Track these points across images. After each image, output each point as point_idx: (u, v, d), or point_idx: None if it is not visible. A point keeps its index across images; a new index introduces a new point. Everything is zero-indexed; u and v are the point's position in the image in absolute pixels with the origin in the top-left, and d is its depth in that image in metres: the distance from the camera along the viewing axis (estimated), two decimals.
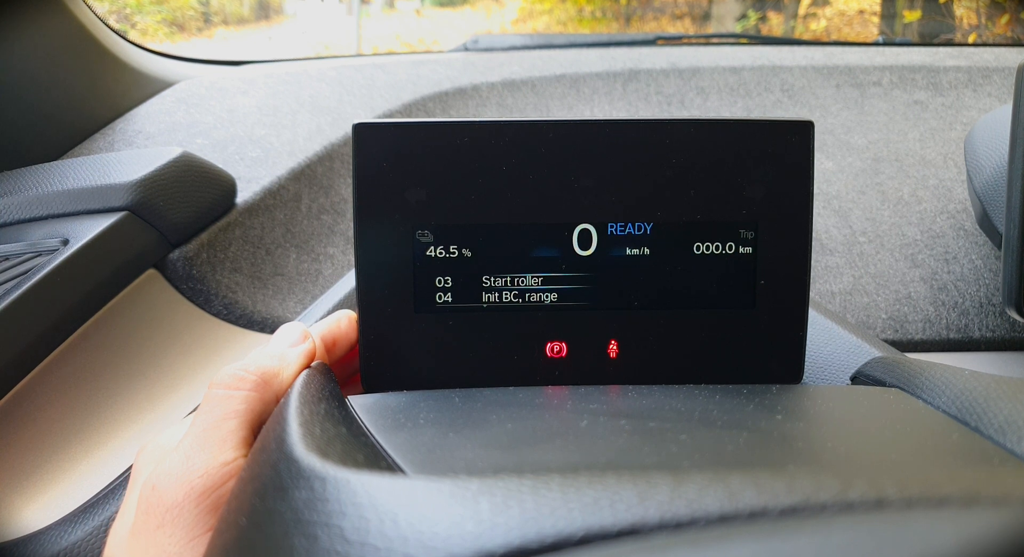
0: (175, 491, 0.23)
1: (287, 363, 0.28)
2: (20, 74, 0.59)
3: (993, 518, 0.13)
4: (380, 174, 0.30)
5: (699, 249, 0.31)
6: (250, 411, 0.26)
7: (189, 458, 0.24)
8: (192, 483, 0.23)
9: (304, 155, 0.64)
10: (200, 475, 0.24)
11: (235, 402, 0.25)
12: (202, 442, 0.24)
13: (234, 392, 0.26)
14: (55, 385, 0.46)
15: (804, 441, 0.22)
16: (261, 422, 0.26)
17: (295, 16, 4.71)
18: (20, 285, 0.43)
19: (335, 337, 0.31)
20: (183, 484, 0.23)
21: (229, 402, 0.25)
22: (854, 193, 0.67)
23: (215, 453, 0.24)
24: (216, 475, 0.24)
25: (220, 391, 0.26)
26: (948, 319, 0.58)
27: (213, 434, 0.25)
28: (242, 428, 0.25)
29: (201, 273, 0.53)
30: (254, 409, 0.26)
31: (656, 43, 0.90)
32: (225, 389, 0.26)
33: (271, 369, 0.27)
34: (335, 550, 0.16)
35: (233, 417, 0.25)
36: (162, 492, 0.24)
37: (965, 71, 0.79)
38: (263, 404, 0.26)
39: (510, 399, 0.27)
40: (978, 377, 0.25)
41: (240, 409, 0.25)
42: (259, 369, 0.27)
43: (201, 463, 0.24)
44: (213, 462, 0.24)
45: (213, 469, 0.24)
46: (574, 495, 0.16)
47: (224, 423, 0.25)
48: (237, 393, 0.26)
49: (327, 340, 0.31)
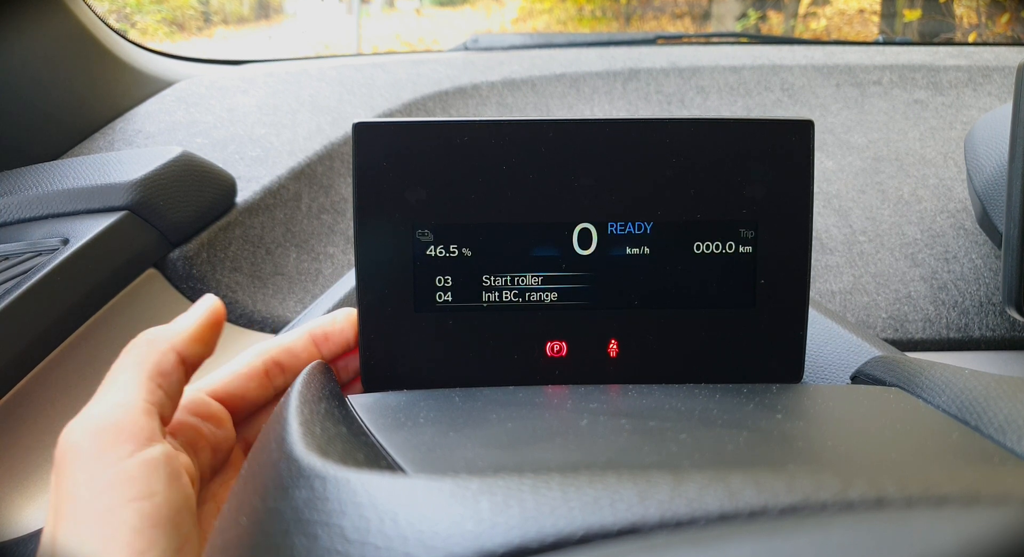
0: (74, 434, 0.24)
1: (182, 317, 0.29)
2: (20, 73, 0.59)
3: (993, 517, 0.13)
4: (380, 173, 0.30)
5: (699, 248, 0.31)
6: (143, 362, 0.27)
7: (88, 410, 0.25)
8: (89, 424, 0.24)
9: (304, 154, 0.64)
10: (96, 416, 0.25)
11: (126, 358, 0.27)
12: (99, 396, 0.26)
13: (127, 353, 0.27)
14: (55, 385, 0.46)
15: (804, 440, 0.23)
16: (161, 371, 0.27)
17: (295, 15, 4.70)
18: (20, 285, 0.43)
19: (326, 332, 0.32)
20: (81, 427, 0.24)
21: (123, 360, 0.27)
22: (854, 192, 0.67)
23: (110, 399, 0.25)
24: (111, 414, 0.25)
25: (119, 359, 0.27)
26: (948, 318, 0.58)
27: (110, 386, 0.26)
28: (137, 375, 0.26)
29: (201, 272, 0.53)
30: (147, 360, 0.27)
31: (656, 42, 0.90)
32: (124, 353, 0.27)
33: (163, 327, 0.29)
34: (336, 549, 0.16)
35: (126, 370, 0.26)
36: (63, 441, 0.24)
37: (965, 70, 0.79)
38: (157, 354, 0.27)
39: (510, 398, 0.27)
40: (978, 376, 0.25)
41: (131, 362, 0.27)
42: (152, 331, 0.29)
43: (98, 408, 0.25)
44: (109, 405, 0.25)
45: (108, 409, 0.25)
46: (574, 494, 0.16)
47: (120, 376, 0.26)
48: (130, 352, 0.27)
49: (317, 335, 0.32)
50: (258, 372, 0.31)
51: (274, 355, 0.31)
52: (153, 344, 0.28)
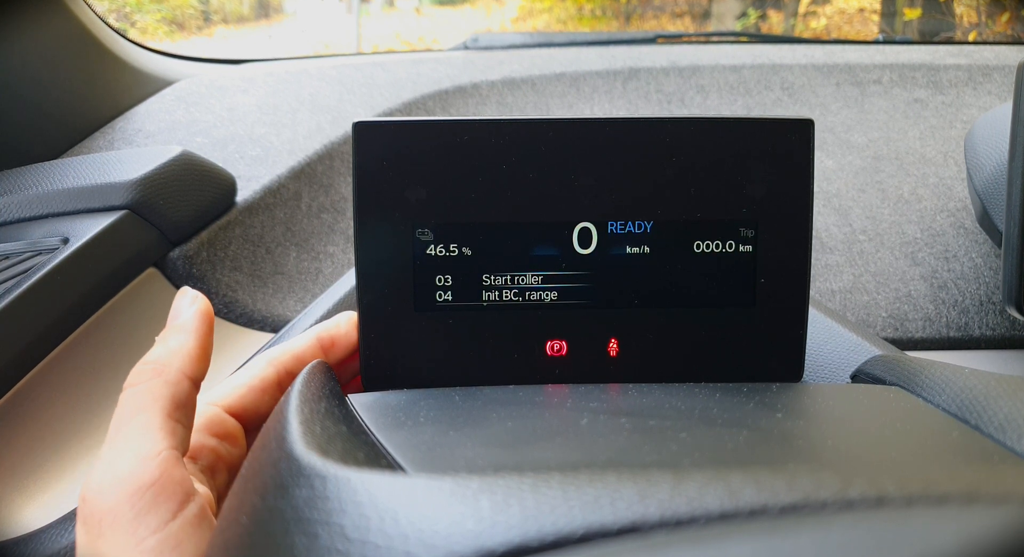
0: (105, 497, 0.23)
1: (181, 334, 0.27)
2: (20, 73, 0.59)
3: (993, 516, 0.13)
4: (380, 173, 0.30)
5: (699, 247, 0.31)
6: (158, 399, 0.25)
7: (111, 462, 0.23)
8: (120, 485, 0.23)
9: (304, 154, 0.64)
10: (126, 474, 0.23)
11: (140, 395, 0.25)
12: (121, 443, 0.24)
13: (136, 387, 0.25)
14: (55, 384, 0.46)
15: (804, 439, 0.23)
16: (177, 404, 0.25)
17: (295, 15, 4.70)
18: (20, 284, 0.43)
19: (333, 337, 0.31)
20: (112, 488, 0.23)
21: (134, 397, 0.25)
22: (854, 191, 0.67)
23: (136, 449, 0.23)
24: (144, 471, 0.23)
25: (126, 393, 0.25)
26: (948, 317, 0.58)
27: (129, 432, 0.24)
28: (156, 416, 0.24)
29: (201, 272, 0.53)
30: (162, 395, 0.25)
31: (656, 41, 0.90)
32: (129, 388, 0.25)
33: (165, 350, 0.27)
34: (336, 548, 0.16)
35: (143, 410, 0.25)
36: (92, 502, 0.23)
37: (965, 69, 0.79)
38: (171, 386, 0.25)
39: (510, 397, 0.27)
40: (978, 375, 0.25)
41: (147, 400, 0.25)
42: (154, 356, 0.26)
43: (125, 463, 0.23)
44: (137, 459, 0.23)
45: (139, 465, 0.23)
46: (575, 493, 0.16)
47: (136, 418, 0.24)
48: (139, 387, 0.25)
49: (324, 341, 0.31)
50: (271, 384, 0.30)
51: (286, 364, 0.30)
52: (163, 375, 0.26)
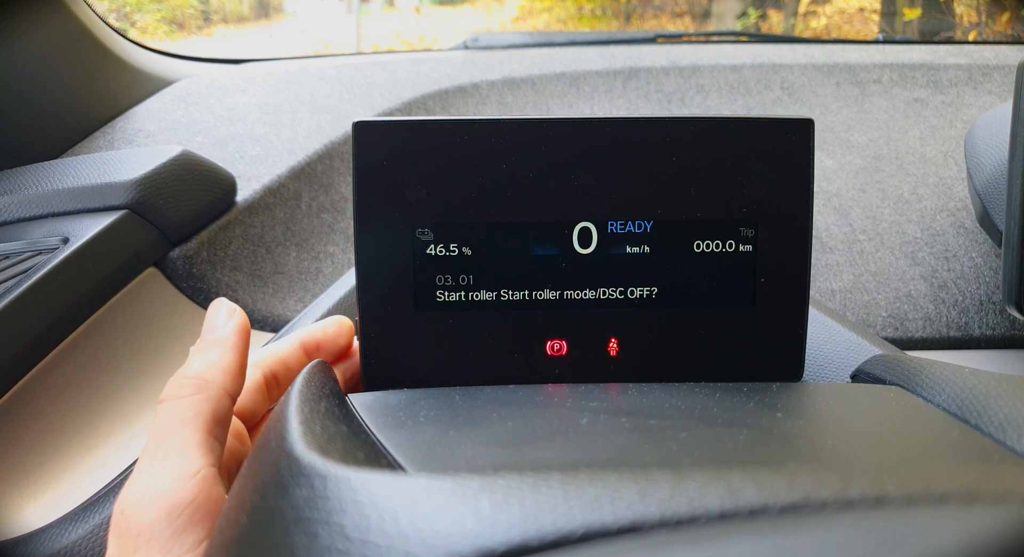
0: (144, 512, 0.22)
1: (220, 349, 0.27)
2: (20, 73, 0.59)
3: (993, 516, 0.13)
4: (380, 172, 0.30)
5: (699, 247, 0.31)
6: (200, 414, 0.25)
7: (151, 476, 0.23)
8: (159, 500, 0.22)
9: (304, 153, 0.64)
10: (166, 490, 0.23)
11: (182, 410, 0.25)
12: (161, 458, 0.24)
13: (178, 401, 0.25)
14: (56, 384, 0.46)
15: (804, 439, 0.23)
16: (217, 421, 0.25)
17: (295, 14, 4.70)
18: (20, 284, 0.43)
19: (318, 341, 0.31)
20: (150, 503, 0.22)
21: (176, 412, 0.25)
22: (854, 191, 0.67)
23: (177, 466, 0.23)
24: (183, 488, 0.23)
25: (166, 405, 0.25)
26: (948, 317, 0.58)
27: (169, 447, 0.24)
28: (197, 433, 0.24)
29: (201, 271, 0.53)
30: (203, 411, 0.25)
31: (656, 41, 0.90)
32: (170, 401, 0.25)
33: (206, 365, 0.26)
34: (336, 548, 0.16)
35: (184, 425, 0.24)
36: (131, 516, 0.22)
37: (965, 69, 0.79)
38: (212, 402, 0.25)
39: (510, 397, 0.27)
40: (978, 375, 0.25)
41: (188, 416, 0.25)
42: (194, 371, 0.26)
43: (165, 478, 0.23)
44: (177, 475, 0.23)
45: (179, 482, 0.23)
46: (575, 493, 0.16)
47: (177, 433, 0.24)
48: (182, 401, 0.25)
49: (308, 345, 0.31)
50: (260, 385, 0.30)
51: (271, 367, 0.31)
52: (205, 391, 0.25)
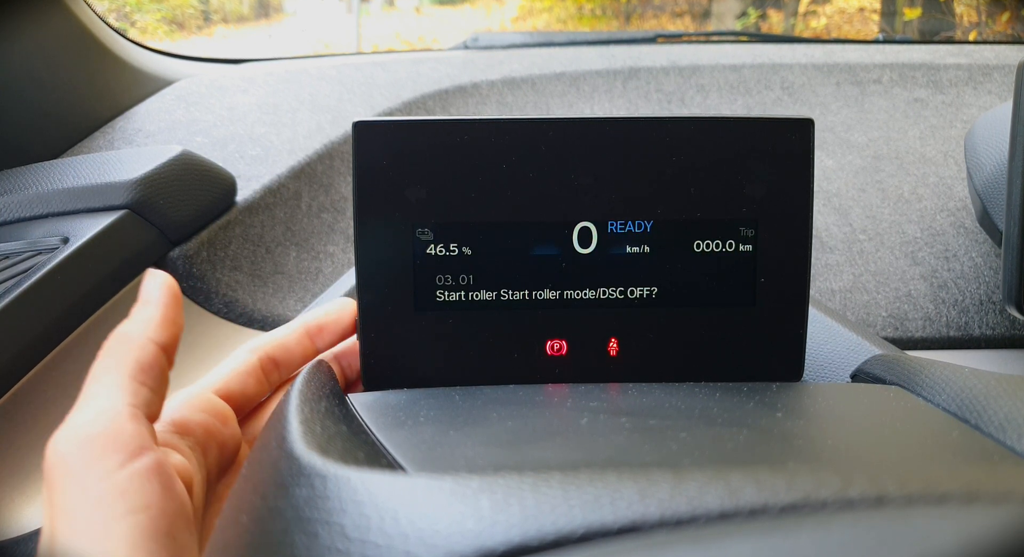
0: (59, 449, 0.23)
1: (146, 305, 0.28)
2: (20, 72, 0.59)
3: (993, 516, 0.13)
4: (380, 172, 0.30)
5: (699, 247, 0.31)
6: (121, 362, 0.26)
7: (71, 419, 0.24)
8: (73, 437, 0.23)
9: (304, 153, 0.64)
10: (78, 428, 0.24)
11: (102, 363, 0.26)
12: (81, 404, 0.25)
13: (103, 356, 0.26)
14: (56, 383, 0.46)
15: (804, 439, 0.23)
16: (142, 367, 0.26)
17: (295, 14, 4.71)
18: (20, 284, 0.43)
19: (321, 324, 0.32)
20: (65, 441, 0.23)
21: (101, 363, 0.26)
22: (854, 191, 0.67)
23: (93, 406, 0.24)
24: (95, 423, 0.24)
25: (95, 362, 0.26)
26: (948, 317, 0.58)
27: (89, 393, 0.25)
28: (118, 378, 0.25)
29: (201, 271, 0.53)
30: (125, 359, 0.26)
31: (656, 41, 0.90)
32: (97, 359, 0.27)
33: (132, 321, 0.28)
34: (336, 548, 0.16)
35: (106, 373, 0.26)
36: (50, 456, 0.24)
37: (965, 69, 0.79)
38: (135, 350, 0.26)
39: (510, 397, 0.27)
40: (978, 375, 0.25)
41: (107, 365, 0.26)
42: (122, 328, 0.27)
43: (80, 419, 0.24)
44: (91, 414, 0.24)
45: (92, 419, 0.24)
46: (575, 493, 0.16)
47: (97, 381, 0.25)
48: (105, 355, 0.26)
49: (311, 328, 0.32)
50: (255, 368, 0.31)
51: (268, 350, 0.31)
52: (129, 339, 0.27)
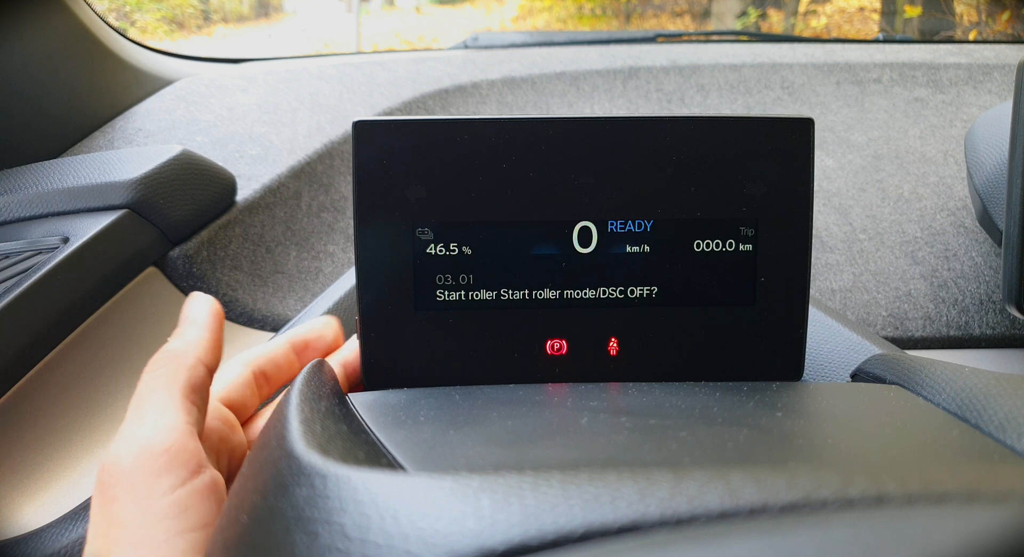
0: (121, 463, 0.24)
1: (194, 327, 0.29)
2: (20, 72, 0.59)
3: (993, 515, 0.13)
4: (380, 172, 0.30)
5: (699, 246, 0.31)
6: (175, 380, 0.27)
7: (131, 432, 0.25)
8: (137, 450, 0.24)
9: (304, 153, 0.64)
10: (142, 441, 0.24)
11: (159, 378, 0.27)
12: (139, 417, 0.25)
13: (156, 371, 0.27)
14: (56, 383, 0.46)
15: (804, 438, 0.23)
16: (192, 387, 0.27)
17: (295, 14, 4.71)
18: (20, 283, 0.43)
19: (307, 341, 0.33)
20: (128, 454, 0.24)
21: (154, 379, 0.27)
22: (854, 190, 0.67)
23: (154, 420, 0.25)
24: (159, 438, 0.24)
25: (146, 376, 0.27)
26: (948, 316, 0.58)
27: (148, 407, 0.26)
28: (173, 395, 0.26)
29: (201, 271, 0.53)
30: (179, 377, 0.27)
31: (656, 40, 0.90)
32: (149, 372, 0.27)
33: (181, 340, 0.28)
34: (336, 547, 0.16)
35: (162, 389, 0.26)
36: (110, 468, 0.24)
37: (965, 68, 0.79)
38: (188, 370, 0.27)
39: (510, 396, 0.27)
40: (978, 374, 0.25)
41: (165, 382, 0.26)
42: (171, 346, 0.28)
43: (143, 432, 0.25)
44: (154, 428, 0.25)
45: (155, 433, 0.24)
46: (575, 492, 0.16)
47: (155, 395, 0.26)
48: (159, 370, 0.27)
49: (297, 344, 0.33)
50: (249, 381, 0.32)
51: (260, 364, 0.32)
52: (181, 359, 0.27)
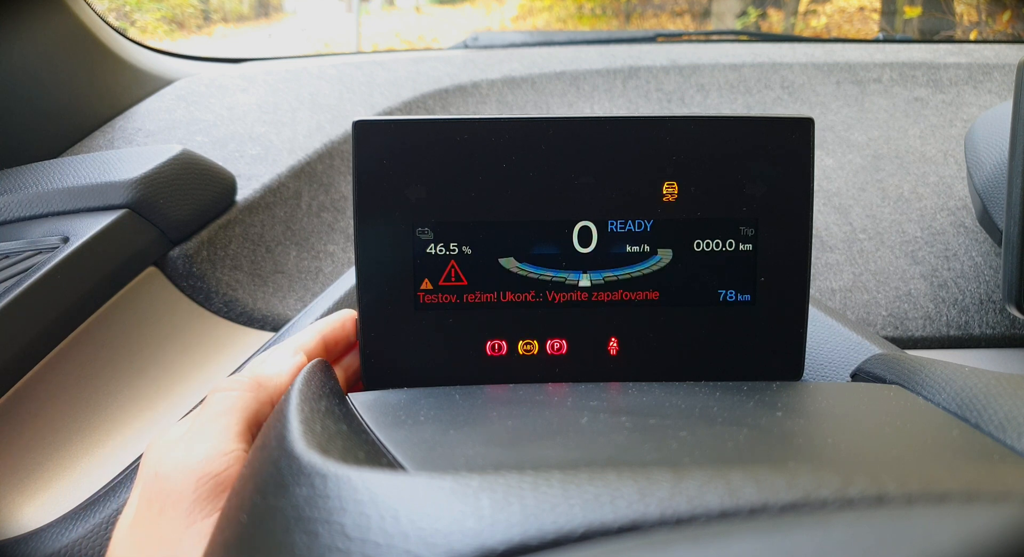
0: (176, 477, 0.25)
1: (281, 369, 0.30)
2: (20, 72, 0.59)
3: (993, 514, 0.13)
4: (380, 171, 0.30)
5: (699, 246, 0.31)
6: (245, 408, 0.27)
7: (190, 447, 0.26)
8: (192, 469, 0.25)
9: (304, 153, 0.64)
10: (200, 461, 0.25)
11: (231, 400, 0.27)
12: (202, 434, 0.26)
13: (230, 392, 0.28)
14: (56, 383, 0.46)
15: (804, 437, 0.23)
16: (258, 420, 0.28)
17: (295, 13, 4.71)
18: (20, 283, 0.43)
19: (337, 338, 0.33)
20: (184, 470, 0.25)
21: (225, 400, 0.27)
22: (854, 190, 0.67)
23: (214, 443, 0.26)
24: (215, 462, 0.25)
25: (218, 393, 0.28)
26: (948, 316, 0.58)
27: (211, 427, 0.26)
28: (239, 422, 0.27)
29: (201, 270, 0.53)
30: (249, 406, 0.27)
31: (656, 40, 0.90)
32: (223, 391, 0.28)
33: (265, 373, 0.29)
34: (336, 547, 0.16)
35: (229, 413, 0.27)
36: (164, 479, 0.25)
37: (965, 68, 0.79)
38: (258, 403, 0.28)
39: (510, 396, 0.27)
40: (978, 374, 0.25)
41: (235, 406, 0.27)
42: (254, 373, 0.29)
43: (201, 451, 0.25)
44: (212, 451, 0.25)
45: (212, 457, 0.25)
46: (575, 491, 0.16)
47: (221, 418, 0.27)
48: (233, 393, 0.28)
49: (329, 340, 0.32)
50: None
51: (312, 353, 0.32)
52: (259, 393, 0.28)
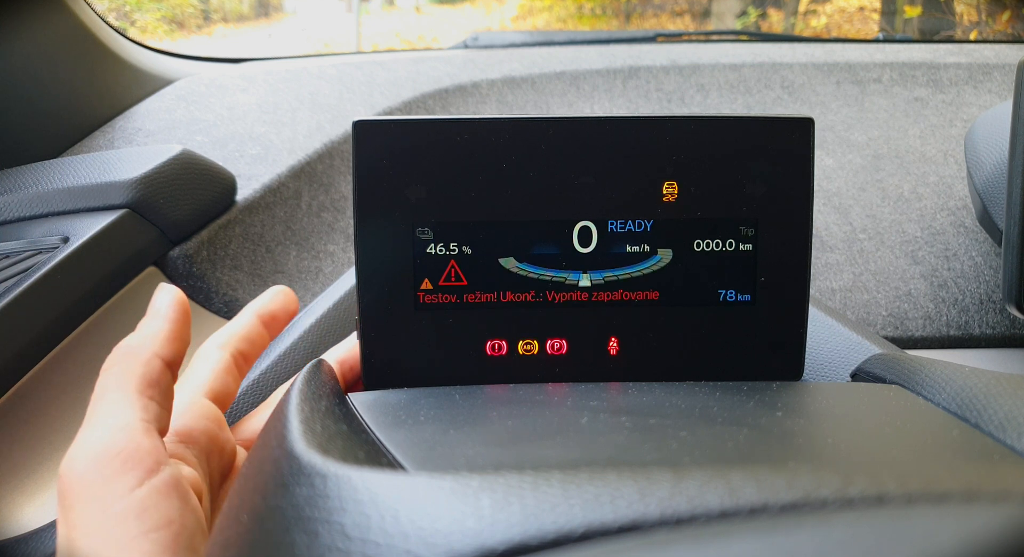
0: (76, 467, 0.23)
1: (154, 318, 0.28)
2: (20, 72, 0.59)
3: (993, 514, 0.13)
4: (380, 171, 0.30)
5: (699, 246, 0.31)
6: (129, 377, 0.26)
7: (84, 437, 0.24)
8: (90, 454, 0.24)
9: (304, 152, 0.64)
10: (95, 444, 0.24)
11: (108, 379, 0.26)
12: (93, 420, 0.25)
13: (109, 369, 0.26)
14: (56, 383, 0.46)
15: (804, 437, 0.23)
16: (149, 382, 0.26)
17: (295, 13, 4.71)
18: (20, 283, 0.43)
19: (272, 312, 0.33)
20: (82, 458, 0.24)
21: (108, 378, 0.26)
22: (854, 190, 0.67)
23: (107, 422, 0.24)
24: (112, 440, 0.24)
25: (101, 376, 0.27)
26: (948, 316, 0.58)
27: (101, 408, 0.25)
28: (127, 393, 0.25)
29: (201, 270, 0.53)
30: (133, 373, 0.26)
31: (656, 40, 0.90)
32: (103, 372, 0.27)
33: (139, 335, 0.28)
34: (336, 547, 0.16)
35: (115, 388, 0.26)
36: (66, 475, 0.24)
37: (965, 68, 0.79)
38: (142, 365, 0.26)
39: (510, 396, 0.27)
40: (978, 374, 0.25)
41: (113, 381, 0.26)
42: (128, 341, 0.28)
43: (95, 435, 0.24)
44: (106, 430, 0.24)
45: (107, 435, 0.24)
46: (575, 491, 0.16)
47: (108, 395, 0.25)
48: (112, 368, 0.26)
49: (264, 317, 0.33)
50: (230, 365, 0.31)
51: (236, 345, 0.32)
52: (134, 355, 0.27)
